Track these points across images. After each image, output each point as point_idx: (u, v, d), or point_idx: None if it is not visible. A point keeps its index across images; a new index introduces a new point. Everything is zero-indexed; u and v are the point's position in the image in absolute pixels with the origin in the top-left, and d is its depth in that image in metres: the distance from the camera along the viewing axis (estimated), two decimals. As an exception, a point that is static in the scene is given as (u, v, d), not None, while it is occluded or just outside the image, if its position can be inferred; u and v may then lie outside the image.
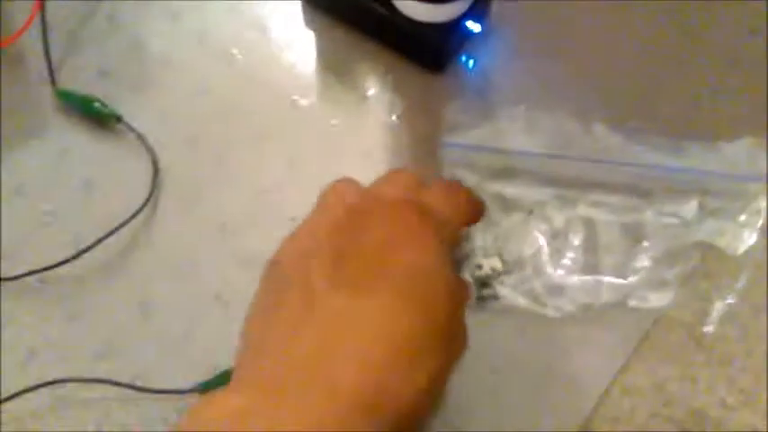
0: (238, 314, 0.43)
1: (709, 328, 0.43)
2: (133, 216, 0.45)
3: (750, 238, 0.44)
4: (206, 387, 0.41)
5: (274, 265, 0.35)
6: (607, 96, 0.49)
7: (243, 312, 0.43)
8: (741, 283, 0.44)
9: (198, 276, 0.44)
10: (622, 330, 0.43)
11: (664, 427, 0.41)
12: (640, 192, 0.45)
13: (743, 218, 0.44)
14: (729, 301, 0.43)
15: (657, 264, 0.43)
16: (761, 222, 0.44)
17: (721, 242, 0.44)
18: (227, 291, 0.44)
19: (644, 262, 0.43)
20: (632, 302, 0.43)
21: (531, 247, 0.44)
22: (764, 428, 0.41)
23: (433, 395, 0.30)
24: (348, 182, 0.37)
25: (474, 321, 0.43)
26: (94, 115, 0.48)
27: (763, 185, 0.44)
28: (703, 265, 0.44)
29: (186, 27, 0.52)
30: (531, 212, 0.45)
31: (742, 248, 0.44)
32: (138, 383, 0.42)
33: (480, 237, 0.44)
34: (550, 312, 0.43)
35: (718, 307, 0.43)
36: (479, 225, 0.44)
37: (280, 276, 0.34)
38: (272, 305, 0.33)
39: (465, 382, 0.42)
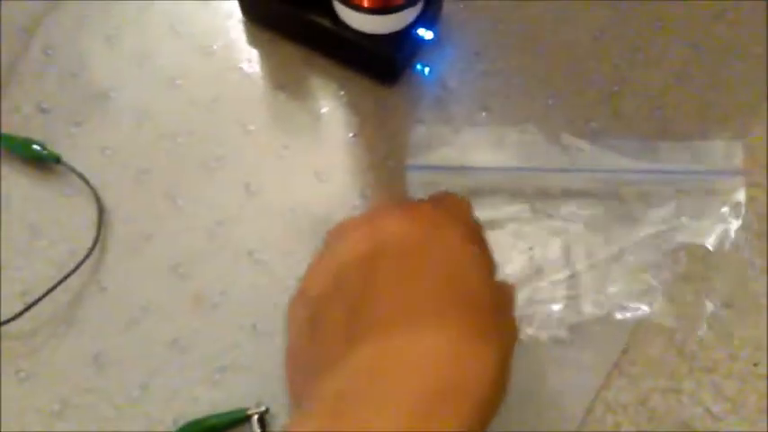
0: (198, 359, 0.41)
1: (692, 334, 0.41)
2: (81, 263, 0.42)
3: (731, 234, 0.42)
4: (168, 442, 0.39)
5: (308, 299, 0.33)
6: (568, 94, 0.47)
7: (202, 357, 0.41)
8: (723, 283, 0.42)
9: (152, 322, 0.42)
10: (600, 346, 0.41)
11: (650, 444, 0.40)
12: (615, 199, 0.43)
13: (723, 213, 0.42)
14: (711, 303, 0.41)
15: (639, 272, 0.42)
16: (740, 217, 0.42)
17: (703, 241, 0.42)
18: (185, 335, 0.42)
19: (625, 271, 0.41)
20: (618, 315, 0.41)
21: (507, 266, 0.42)
22: (754, 436, 0.40)
23: (501, 384, 0.29)
24: (384, 211, 0.35)
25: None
26: (35, 158, 0.45)
27: (740, 180, 0.43)
28: (685, 268, 0.42)
29: (125, 52, 0.49)
30: (503, 227, 0.43)
31: (726, 245, 0.42)
32: (98, 443, 0.40)
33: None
34: (533, 332, 0.41)
35: (700, 311, 0.41)
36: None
37: (321, 308, 0.32)
38: (320, 334, 0.31)
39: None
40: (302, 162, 0.46)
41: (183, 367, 0.41)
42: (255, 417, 0.39)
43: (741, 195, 0.43)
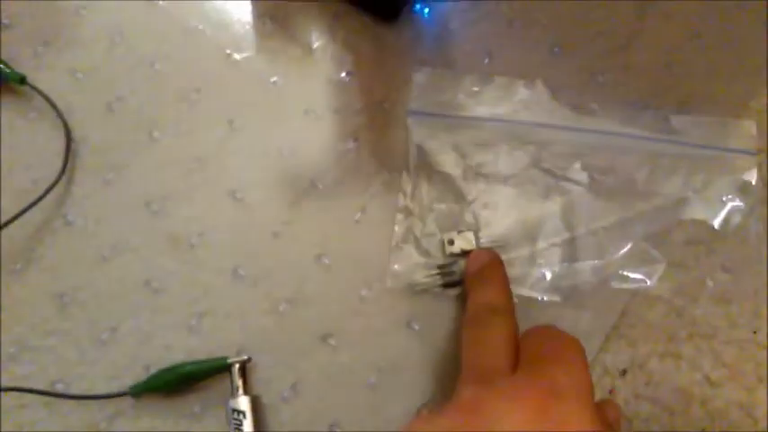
0: (172, 303, 0.38)
1: (693, 305, 0.39)
2: (44, 194, 0.39)
3: (739, 213, 0.40)
4: (138, 390, 0.36)
5: None
6: (575, 45, 0.45)
7: (177, 301, 0.38)
8: (725, 254, 0.40)
9: (123, 262, 0.39)
10: (599, 308, 0.39)
11: (648, 409, 0.38)
12: (622, 165, 0.41)
13: (731, 192, 0.41)
14: (713, 274, 0.40)
15: (640, 242, 0.40)
16: (750, 196, 0.41)
17: (708, 217, 0.40)
18: (158, 276, 0.39)
19: (626, 240, 0.39)
20: (615, 284, 0.39)
21: (505, 221, 0.40)
22: (750, 404, 0.38)
23: None
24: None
25: (444, 307, 0.39)
26: (-6, 76, 0.41)
27: (752, 159, 0.41)
28: (688, 240, 0.41)
29: (99, -30, 0.45)
30: (506, 182, 0.40)
31: (732, 224, 0.40)
32: (60, 388, 0.36)
33: (455, 210, 0.40)
34: (526, 293, 0.39)
35: (700, 287, 0.40)
36: (452, 198, 0.40)
37: None
38: None
39: (445, 368, 0.38)
40: (291, 98, 0.43)
41: (156, 311, 0.38)
42: (237, 366, 0.36)
43: (752, 175, 0.41)
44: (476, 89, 0.42)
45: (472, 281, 0.37)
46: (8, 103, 0.41)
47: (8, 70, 0.41)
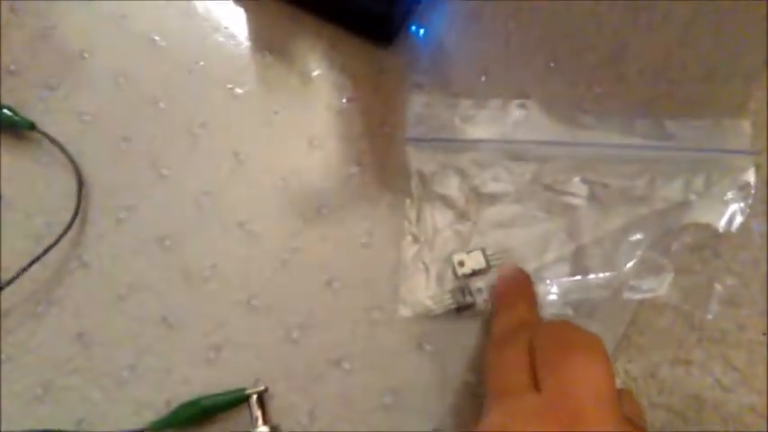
0: (189, 337, 0.39)
1: (701, 310, 0.40)
2: (60, 236, 0.40)
3: (740, 214, 0.41)
4: (159, 426, 0.37)
5: None
6: (569, 58, 0.45)
7: (193, 335, 0.39)
8: (731, 258, 0.41)
9: (139, 299, 0.40)
10: (608, 318, 0.40)
11: (663, 416, 0.39)
12: (620, 175, 0.42)
13: (731, 194, 0.41)
14: (720, 278, 0.40)
15: (649, 250, 0.40)
16: (750, 197, 0.41)
17: (711, 220, 0.41)
18: (174, 312, 0.40)
19: (631, 248, 0.40)
20: (626, 294, 0.39)
21: (511, 240, 0.40)
22: (763, 407, 0.39)
23: None
24: None
25: (456, 328, 0.40)
26: (6, 124, 0.42)
27: (749, 159, 0.41)
28: (694, 245, 0.41)
29: (100, 10, 0.46)
30: (508, 200, 0.41)
31: (734, 225, 0.40)
32: (85, 427, 0.37)
33: (461, 231, 0.40)
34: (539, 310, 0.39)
35: (708, 291, 0.40)
36: (457, 220, 0.40)
37: None
38: None
39: (455, 388, 0.38)
40: (293, 128, 0.43)
41: (174, 346, 0.39)
42: (254, 396, 0.37)
43: (750, 175, 0.41)
44: (471, 113, 0.42)
45: (501, 301, 0.37)
46: (20, 150, 0.42)
47: (17, 117, 0.42)
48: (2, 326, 0.39)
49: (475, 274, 0.40)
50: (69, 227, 0.40)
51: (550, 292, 0.39)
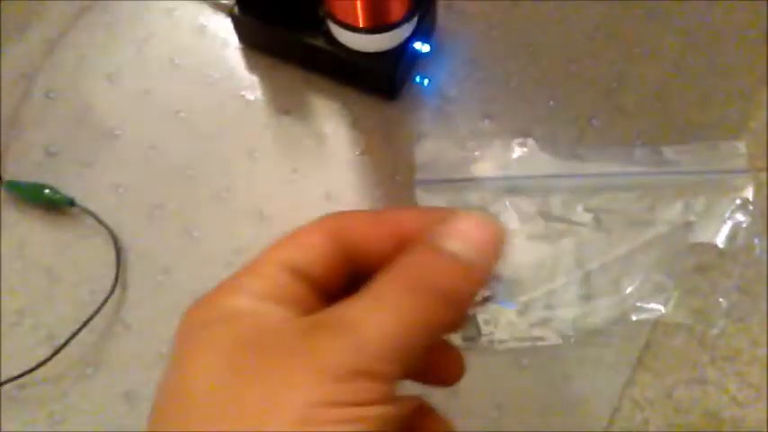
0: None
1: (711, 328, 0.41)
2: (103, 302, 0.43)
3: (742, 231, 0.42)
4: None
5: None
6: (568, 95, 0.47)
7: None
8: (737, 275, 0.42)
9: (180, 356, 0.43)
10: (621, 343, 0.42)
11: (680, 437, 0.40)
12: (622, 201, 0.43)
13: (732, 211, 0.43)
14: (727, 295, 0.42)
15: (653, 272, 0.42)
16: (749, 214, 0.42)
17: (713, 239, 0.42)
18: (213, 366, 0.42)
19: (637, 271, 0.42)
20: (633, 316, 0.41)
21: (521, 271, 0.42)
22: (781, 421, 0.40)
23: None
24: None
25: (469, 360, 0.42)
26: (46, 202, 0.46)
27: (747, 178, 0.43)
28: (698, 265, 0.43)
29: (127, 89, 0.50)
30: (514, 233, 0.43)
31: (736, 242, 0.42)
32: (137, 480, 0.40)
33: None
34: (549, 335, 0.41)
35: (716, 309, 0.42)
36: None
37: None
38: None
39: (470, 422, 0.40)
40: (312, 184, 0.46)
41: (214, 398, 0.41)
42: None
43: (749, 192, 0.43)
44: (477, 153, 0.45)
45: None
46: (62, 225, 0.46)
47: (58, 195, 0.46)
48: (57, 389, 0.42)
49: (485, 301, 0.42)
50: (111, 293, 0.43)
51: (561, 319, 0.41)
